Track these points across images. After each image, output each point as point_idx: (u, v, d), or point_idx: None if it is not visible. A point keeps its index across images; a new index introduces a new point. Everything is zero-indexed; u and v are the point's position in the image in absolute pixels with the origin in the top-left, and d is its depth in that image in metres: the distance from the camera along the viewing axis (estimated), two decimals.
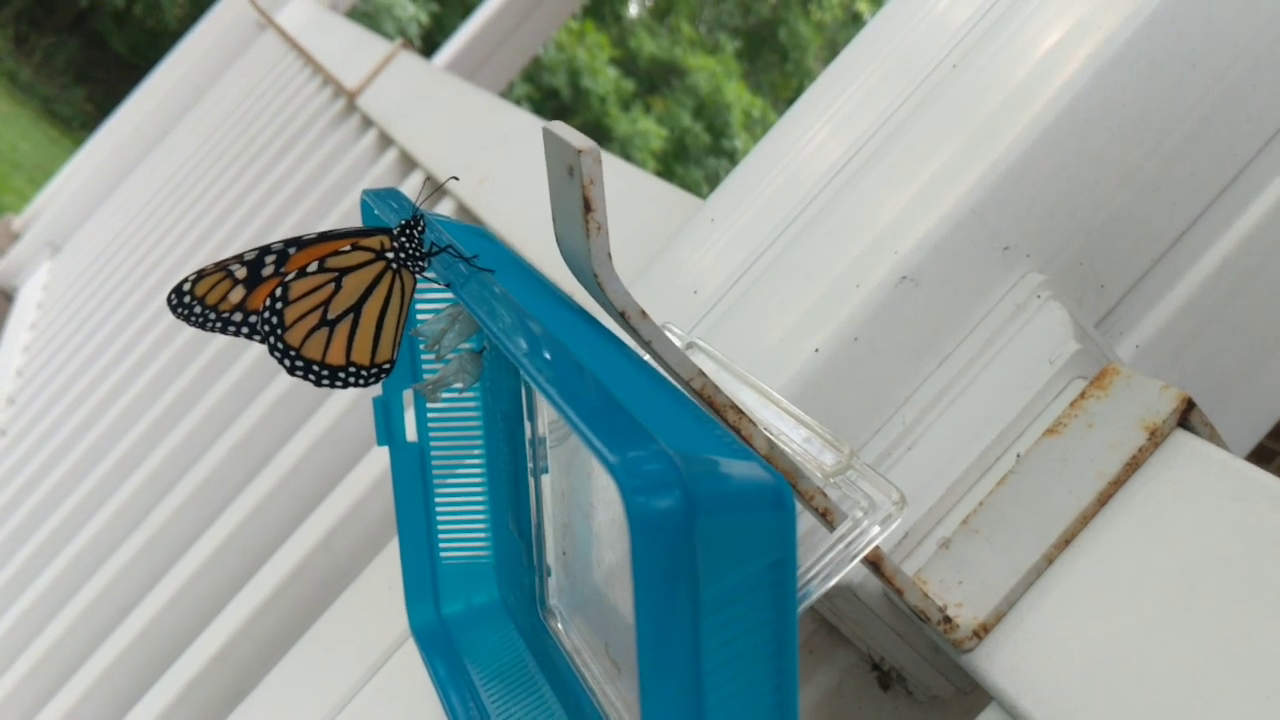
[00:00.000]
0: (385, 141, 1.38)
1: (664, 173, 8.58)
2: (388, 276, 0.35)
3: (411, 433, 0.44)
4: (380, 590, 0.56)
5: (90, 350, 1.72)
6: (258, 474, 0.93)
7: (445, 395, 0.42)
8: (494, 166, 1.05)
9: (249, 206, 1.60)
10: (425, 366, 0.43)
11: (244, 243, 1.51)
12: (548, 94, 8.19)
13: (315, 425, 0.91)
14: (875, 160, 0.47)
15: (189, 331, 1.38)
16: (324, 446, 0.89)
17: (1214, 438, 0.38)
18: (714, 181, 8.49)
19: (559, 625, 0.40)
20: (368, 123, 1.48)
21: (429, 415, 0.44)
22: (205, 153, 2.04)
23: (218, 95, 2.35)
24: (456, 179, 1.05)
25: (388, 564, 0.57)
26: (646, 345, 0.33)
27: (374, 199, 0.40)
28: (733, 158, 8.58)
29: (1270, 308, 0.49)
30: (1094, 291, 0.46)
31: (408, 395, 0.44)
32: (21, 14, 7.19)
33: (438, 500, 0.45)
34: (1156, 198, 0.46)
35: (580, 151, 0.30)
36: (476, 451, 0.44)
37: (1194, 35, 0.44)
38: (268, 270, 0.35)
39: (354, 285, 0.35)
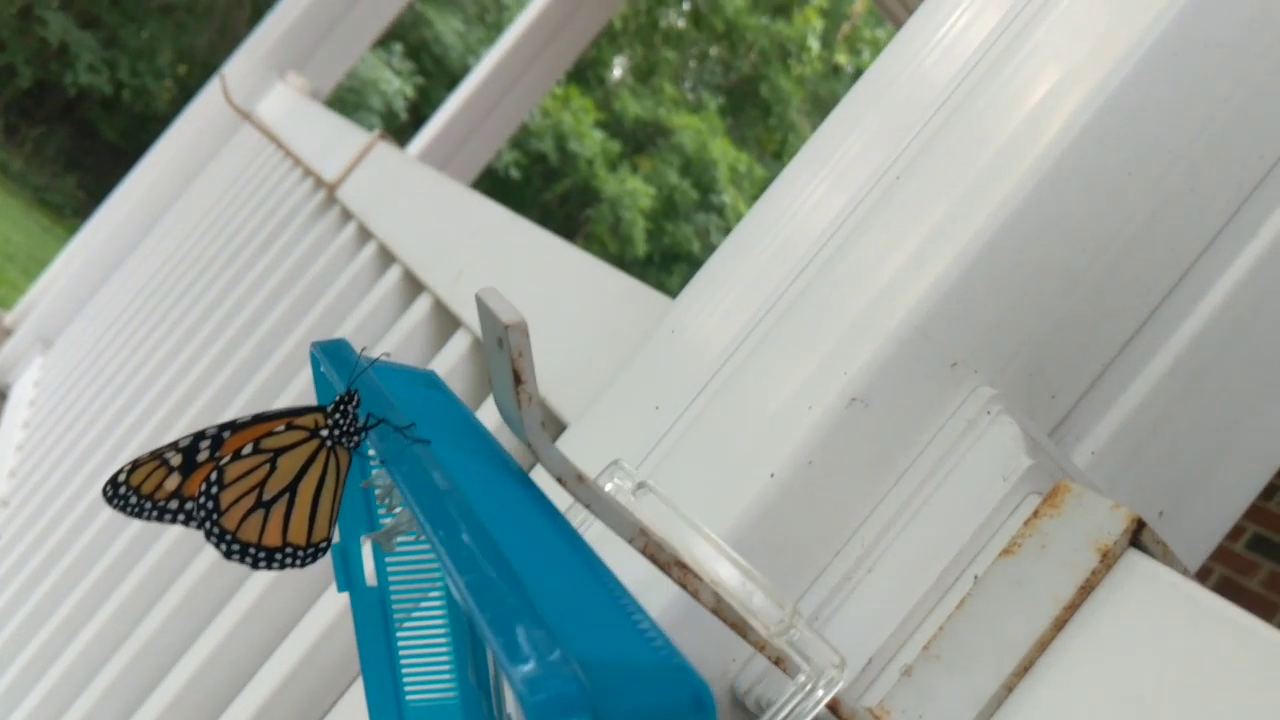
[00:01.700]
0: (365, 235, 1.39)
1: (654, 230, 8.64)
2: (322, 455, 0.35)
3: (371, 578, 0.44)
4: None
5: (83, 449, 1.72)
6: (232, 596, 0.92)
7: (401, 542, 0.42)
8: (471, 259, 1.05)
9: (233, 301, 1.61)
10: (381, 515, 0.43)
11: (231, 338, 1.51)
12: (535, 159, 8.27)
13: None
14: (820, 279, 0.48)
15: (179, 432, 1.38)
16: (288, 578, 0.88)
17: (1166, 556, 0.38)
18: (704, 237, 8.55)
19: None
20: (347, 215, 1.49)
21: (387, 561, 0.44)
22: (190, 246, 2.06)
23: (202, 187, 2.37)
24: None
25: (357, 701, 0.56)
26: (586, 506, 0.33)
27: (321, 353, 0.41)
28: (721, 212, 8.64)
29: (1224, 402, 0.49)
30: (1045, 401, 0.46)
31: (365, 541, 0.44)
32: (11, 105, 7.28)
33: (400, 643, 0.45)
34: (1102, 304, 0.46)
35: (507, 326, 0.31)
36: (435, 594, 0.44)
37: (1129, 145, 0.45)
38: (203, 455, 0.35)
39: (289, 465, 0.35)
